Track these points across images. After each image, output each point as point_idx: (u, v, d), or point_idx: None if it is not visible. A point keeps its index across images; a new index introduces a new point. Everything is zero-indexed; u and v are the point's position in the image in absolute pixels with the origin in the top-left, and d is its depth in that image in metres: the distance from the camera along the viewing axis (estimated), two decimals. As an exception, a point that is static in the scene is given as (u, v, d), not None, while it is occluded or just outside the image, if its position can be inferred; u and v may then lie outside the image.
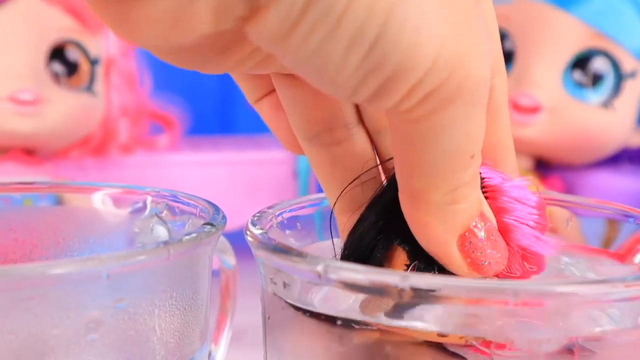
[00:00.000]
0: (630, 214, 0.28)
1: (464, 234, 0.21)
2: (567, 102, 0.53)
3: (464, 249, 0.22)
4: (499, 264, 0.22)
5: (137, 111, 0.60)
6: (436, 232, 0.21)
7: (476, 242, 0.22)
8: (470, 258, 0.22)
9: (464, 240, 0.21)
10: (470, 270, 0.22)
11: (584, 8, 0.54)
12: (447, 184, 0.20)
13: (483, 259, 0.22)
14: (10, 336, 0.22)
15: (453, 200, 0.21)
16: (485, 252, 0.22)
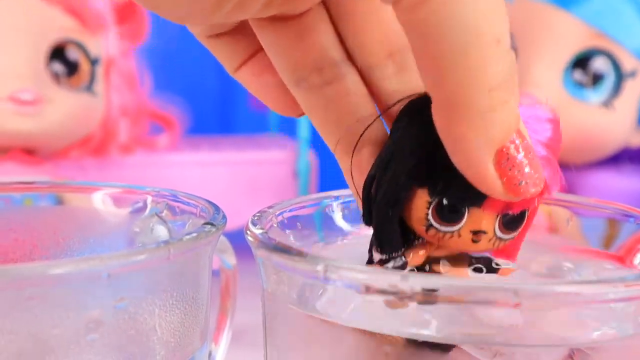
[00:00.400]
0: (630, 213, 0.28)
1: (501, 149, 0.20)
2: (567, 102, 0.53)
3: (500, 166, 0.20)
4: (536, 185, 0.21)
5: (137, 111, 0.60)
6: (473, 146, 0.20)
7: (514, 159, 0.20)
8: (506, 177, 0.21)
9: (501, 157, 0.20)
10: (505, 191, 0.21)
11: (585, 8, 0.54)
12: (482, 80, 0.19)
13: (520, 178, 0.21)
14: (10, 336, 0.22)
15: (490, 106, 0.19)
16: (523, 170, 0.21)
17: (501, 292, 0.19)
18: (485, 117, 0.19)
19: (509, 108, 0.20)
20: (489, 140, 0.20)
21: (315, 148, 0.64)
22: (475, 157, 0.20)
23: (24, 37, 0.51)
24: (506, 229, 0.23)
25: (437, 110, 0.20)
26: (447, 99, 0.20)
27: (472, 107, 0.19)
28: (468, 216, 0.22)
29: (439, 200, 0.22)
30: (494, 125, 0.20)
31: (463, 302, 0.20)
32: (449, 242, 0.23)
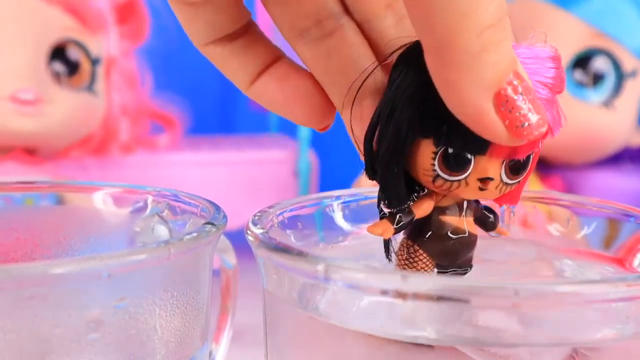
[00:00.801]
0: (631, 213, 0.28)
1: (499, 91, 0.20)
2: (568, 102, 0.53)
3: (500, 109, 0.20)
4: (539, 126, 0.21)
5: (137, 111, 0.60)
6: (468, 91, 0.19)
7: (514, 101, 0.20)
8: (508, 120, 0.20)
9: (500, 100, 0.20)
10: (510, 134, 0.20)
11: (585, 7, 0.54)
12: (473, 21, 0.19)
13: (523, 120, 0.20)
14: (11, 335, 0.22)
15: (482, 47, 0.19)
16: (525, 112, 0.20)
17: (502, 292, 0.19)
18: (477, 59, 0.19)
19: (502, 49, 0.19)
20: (484, 83, 0.19)
21: (316, 148, 0.64)
22: (473, 102, 0.20)
23: (24, 37, 0.51)
24: (512, 174, 0.23)
25: (428, 56, 0.20)
26: (437, 43, 0.19)
27: (463, 50, 0.19)
28: (474, 164, 0.22)
29: (444, 150, 0.22)
30: (487, 67, 0.19)
31: (464, 301, 0.20)
32: (457, 192, 0.23)
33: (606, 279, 0.21)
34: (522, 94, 0.20)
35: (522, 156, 0.22)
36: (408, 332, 0.21)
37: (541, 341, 0.21)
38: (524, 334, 0.21)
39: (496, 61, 0.19)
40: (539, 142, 0.22)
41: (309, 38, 0.24)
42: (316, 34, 0.24)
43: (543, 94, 0.22)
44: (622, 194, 0.55)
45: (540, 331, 0.20)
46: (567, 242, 0.29)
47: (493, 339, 0.21)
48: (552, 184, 0.56)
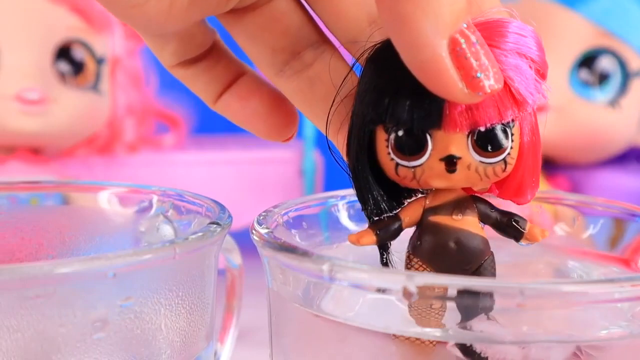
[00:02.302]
0: (636, 213, 0.28)
1: (454, 35, 0.19)
2: (573, 101, 0.53)
3: (455, 54, 0.19)
4: (495, 79, 0.19)
5: (143, 110, 0.60)
6: (422, 29, 0.18)
7: (469, 46, 0.19)
8: (463, 68, 0.19)
9: (455, 44, 0.19)
10: (463, 84, 0.19)
11: (591, 7, 0.54)
12: None
13: (477, 69, 0.19)
14: (17, 334, 0.22)
15: None
16: (480, 59, 0.19)
17: (507, 292, 0.19)
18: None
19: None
20: (439, 21, 0.18)
21: (321, 148, 0.64)
22: (427, 43, 0.18)
23: (30, 37, 0.51)
24: (483, 149, 0.21)
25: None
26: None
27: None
28: (433, 143, 0.21)
29: (395, 133, 0.21)
30: (442, 4, 0.18)
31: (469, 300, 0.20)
32: (426, 179, 0.21)
33: (611, 278, 0.21)
34: (477, 42, 0.19)
35: (483, 125, 0.20)
36: (413, 330, 0.21)
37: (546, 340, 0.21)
38: (529, 333, 0.20)
39: (451, 1, 0.18)
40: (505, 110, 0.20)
41: (289, 72, 0.24)
42: (296, 67, 0.24)
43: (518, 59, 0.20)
44: (628, 194, 0.55)
45: (545, 330, 0.20)
46: (573, 242, 0.29)
47: (498, 337, 0.21)
48: (557, 183, 0.56)
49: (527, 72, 0.20)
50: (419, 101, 0.20)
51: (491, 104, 0.20)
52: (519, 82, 0.20)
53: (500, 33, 0.20)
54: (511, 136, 0.21)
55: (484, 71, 0.19)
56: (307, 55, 0.24)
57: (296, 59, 0.24)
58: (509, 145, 0.21)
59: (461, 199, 0.22)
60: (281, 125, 0.25)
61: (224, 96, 0.25)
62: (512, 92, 0.20)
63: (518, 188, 0.23)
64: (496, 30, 0.20)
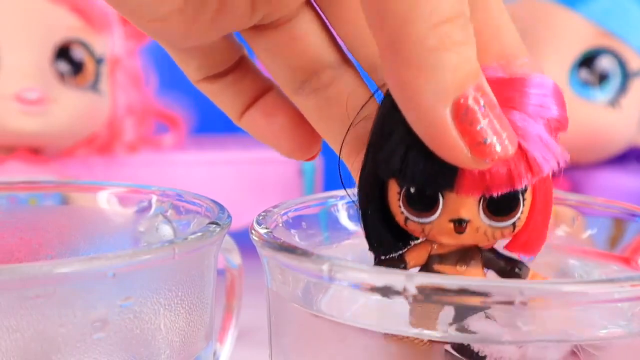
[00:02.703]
0: (636, 213, 0.28)
1: (458, 100, 0.18)
2: (573, 101, 0.53)
3: (459, 120, 0.18)
4: (505, 146, 0.18)
5: (142, 110, 0.60)
6: (425, 95, 0.18)
7: (474, 112, 0.18)
8: (468, 134, 0.18)
9: (459, 109, 0.18)
10: (471, 152, 0.18)
11: (591, 7, 0.54)
12: (424, 11, 0.17)
13: (484, 135, 0.18)
14: (16, 334, 0.22)
15: (440, 43, 0.17)
16: (487, 125, 0.18)
17: (507, 292, 0.19)
18: (434, 55, 0.18)
19: (464, 52, 0.18)
20: (442, 87, 0.18)
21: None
22: (429, 109, 0.18)
23: (29, 37, 0.51)
24: (494, 214, 0.21)
25: (383, 55, 0.18)
26: (390, 37, 0.18)
27: (418, 42, 0.17)
28: (444, 203, 0.21)
29: (407, 189, 0.21)
30: (445, 68, 0.18)
31: (469, 301, 0.20)
32: (434, 235, 0.21)
33: (612, 278, 0.21)
34: (485, 106, 0.18)
35: (495, 192, 0.20)
36: (412, 331, 0.21)
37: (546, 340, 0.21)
38: (529, 333, 0.20)
39: (456, 64, 0.18)
40: (519, 178, 0.20)
41: (307, 90, 0.24)
42: (315, 85, 0.24)
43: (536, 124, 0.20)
44: (628, 194, 0.55)
45: (545, 330, 0.20)
46: (573, 242, 0.29)
47: (496, 337, 0.21)
48: (557, 183, 0.56)
49: (545, 138, 0.20)
50: (432, 162, 0.19)
51: (505, 171, 0.20)
52: (536, 149, 0.20)
53: (521, 93, 0.20)
54: (523, 201, 0.21)
55: (491, 136, 0.18)
56: (326, 75, 0.24)
57: (315, 78, 0.24)
58: (520, 210, 0.21)
59: (467, 249, 0.22)
60: (306, 143, 0.25)
61: (250, 111, 0.25)
62: (528, 159, 0.20)
63: (525, 244, 0.23)
64: (517, 90, 0.20)
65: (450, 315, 0.21)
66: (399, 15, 0.17)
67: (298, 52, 0.24)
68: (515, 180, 0.20)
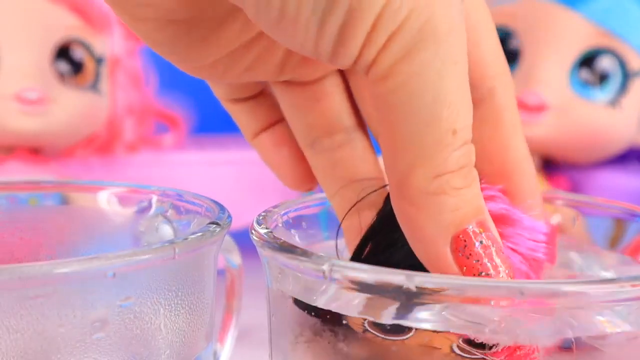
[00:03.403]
0: (637, 213, 0.28)
1: (457, 236, 0.20)
2: (573, 101, 0.53)
3: (458, 254, 0.20)
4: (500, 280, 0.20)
5: (142, 110, 0.60)
6: (425, 228, 0.20)
7: (472, 247, 0.20)
8: (465, 266, 0.20)
9: (458, 244, 0.20)
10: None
11: (591, 6, 0.54)
12: (429, 165, 0.19)
13: (480, 268, 0.20)
14: (16, 335, 0.22)
15: (439, 189, 0.19)
16: (483, 260, 0.20)
17: (507, 291, 0.19)
18: (433, 199, 0.19)
19: (464, 195, 0.20)
20: (442, 224, 0.20)
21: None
22: (430, 241, 0.20)
23: (29, 37, 0.51)
24: (472, 345, 0.21)
25: (391, 187, 0.20)
26: (396, 179, 0.20)
27: (417, 189, 0.19)
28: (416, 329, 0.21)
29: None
30: (445, 209, 0.19)
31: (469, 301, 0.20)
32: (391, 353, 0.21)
33: (611, 278, 0.21)
34: (483, 241, 0.20)
35: None
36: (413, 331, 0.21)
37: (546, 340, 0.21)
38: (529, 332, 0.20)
39: (455, 205, 0.20)
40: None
41: (319, 148, 0.25)
42: (326, 144, 0.25)
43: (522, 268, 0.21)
44: (628, 194, 0.55)
45: (545, 330, 0.20)
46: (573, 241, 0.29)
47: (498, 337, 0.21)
48: (557, 183, 0.56)
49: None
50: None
51: None
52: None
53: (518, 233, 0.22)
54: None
55: (487, 270, 0.20)
56: (339, 138, 0.25)
57: (328, 138, 0.25)
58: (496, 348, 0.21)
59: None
60: (304, 179, 0.27)
61: (262, 135, 0.27)
62: None
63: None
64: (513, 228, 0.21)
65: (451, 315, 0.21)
66: (406, 162, 0.19)
67: (318, 111, 0.25)
68: None
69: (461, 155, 0.19)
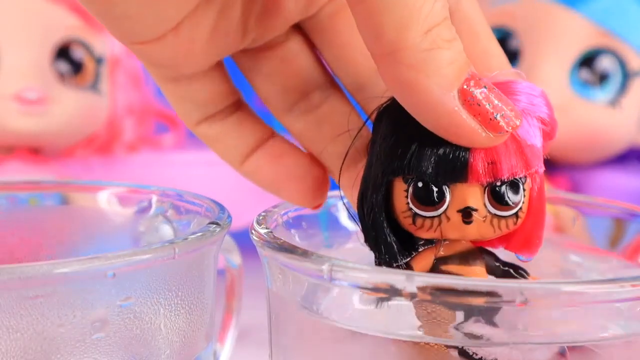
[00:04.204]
0: (636, 213, 0.28)
1: (462, 87, 0.20)
2: (573, 101, 0.53)
3: (468, 104, 0.20)
4: (514, 117, 0.20)
5: (142, 110, 0.60)
6: (430, 91, 0.19)
7: (480, 93, 0.20)
8: (479, 114, 0.20)
9: (465, 95, 0.20)
10: (484, 128, 0.20)
11: (591, 6, 0.54)
12: (417, 21, 0.19)
13: (493, 110, 0.20)
14: (16, 334, 0.22)
15: (433, 43, 0.19)
16: (493, 102, 0.20)
17: (507, 292, 0.19)
18: (431, 55, 0.19)
19: (454, 47, 0.19)
20: (445, 80, 0.19)
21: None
22: (438, 102, 0.19)
23: (29, 36, 0.51)
24: (498, 202, 0.22)
25: (382, 63, 0.20)
26: (388, 47, 0.19)
27: (414, 48, 0.19)
28: (451, 195, 0.21)
29: (414, 184, 0.21)
30: (443, 63, 0.19)
31: (469, 301, 0.20)
32: (442, 231, 0.22)
33: (611, 278, 0.21)
34: (486, 87, 0.20)
35: (502, 175, 0.21)
36: (413, 332, 0.21)
37: (546, 340, 0.21)
38: (529, 332, 0.20)
39: (451, 58, 0.19)
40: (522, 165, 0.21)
41: (297, 112, 0.25)
42: (304, 106, 0.25)
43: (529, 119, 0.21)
44: (628, 194, 0.55)
45: (545, 330, 0.20)
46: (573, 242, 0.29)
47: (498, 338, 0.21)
48: (557, 183, 0.56)
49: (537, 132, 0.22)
50: (442, 155, 0.21)
51: (510, 158, 0.21)
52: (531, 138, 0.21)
53: (511, 91, 0.21)
54: (523, 191, 0.22)
55: (500, 111, 0.20)
56: (315, 97, 0.25)
57: (305, 100, 0.25)
58: (521, 200, 0.22)
59: (470, 250, 0.23)
60: (313, 191, 0.25)
61: (253, 157, 0.25)
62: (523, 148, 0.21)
63: (525, 242, 0.23)
64: (507, 90, 0.21)
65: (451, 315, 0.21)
66: (392, 26, 0.19)
67: (289, 74, 0.25)
68: (519, 165, 0.21)
69: (442, 7, 0.19)
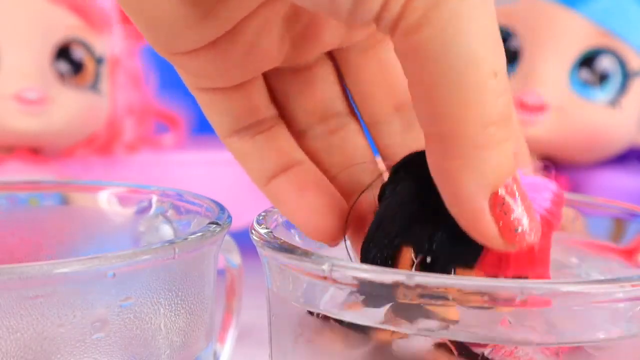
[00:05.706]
0: (636, 213, 0.28)
1: (496, 192, 0.19)
2: (573, 101, 0.53)
3: (496, 210, 0.20)
4: (531, 235, 0.20)
5: (142, 110, 0.60)
6: (467, 185, 0.19)
7: (510, 203, 0.20)
8: (503, 222, 0.20)
9: (496, 201, 0.20)
10: (502, 238, 0.20)
11: (591, 6, 0.54)
12: (475, 113, 0.18)
13: (517, 224, 0.20)
14: (16, 334, 0.22)
15: (486, 142, 0.19)
16: (520, 216, 0.20)
17: (507, 291, 0.19)
18: (480, 152, 0.19)
19: (505, 149, 0.19)
20: (484, 180, 0.19)
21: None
22: (470, 197, 0.19)
23: (29, 36, 0.51)
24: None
25: (431, 145, 0.20)
26: (440, 133, 0.19)
27: (469, 139, 0.19)
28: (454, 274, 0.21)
29: (423, 258, 0.21)
30: (488, 164, 0.19)
31: (470, 300, 0.20)
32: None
33: (612, 278, 0.21)
34: (519, 197, 0.20)
35: (509, 275, 0.21)
36: (413, 331, 0.21)
37: (546, 340, 0.21)
38: (529, 332, 0.20)
39: (498, 160, 0.19)
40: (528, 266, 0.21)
41: (312, 134, 0.25)
42: (320, 130, 0.25)
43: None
44: (628, 194, 0.55)
45: (545, 330, 0.20)
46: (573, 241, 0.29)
47: (498, 338, 0.21)
48: (557, 183, 0.56)
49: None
50: (461, 241, 0.21)
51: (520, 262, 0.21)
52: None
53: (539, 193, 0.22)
54: None
55: (523, 225, 0.20)
56: (332, 123, 0.25)
57: (321, 123, 0.25)
58: None
59: None
60: (333, 228, 0.24)
61: (278, 179, 0.25)
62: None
63: None
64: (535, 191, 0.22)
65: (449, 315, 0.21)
66: (450, 115, 0.19)
67: (312, 96, 0.25)
68: (523, 266, 0.21)
69: (505, 104, 0.19)
